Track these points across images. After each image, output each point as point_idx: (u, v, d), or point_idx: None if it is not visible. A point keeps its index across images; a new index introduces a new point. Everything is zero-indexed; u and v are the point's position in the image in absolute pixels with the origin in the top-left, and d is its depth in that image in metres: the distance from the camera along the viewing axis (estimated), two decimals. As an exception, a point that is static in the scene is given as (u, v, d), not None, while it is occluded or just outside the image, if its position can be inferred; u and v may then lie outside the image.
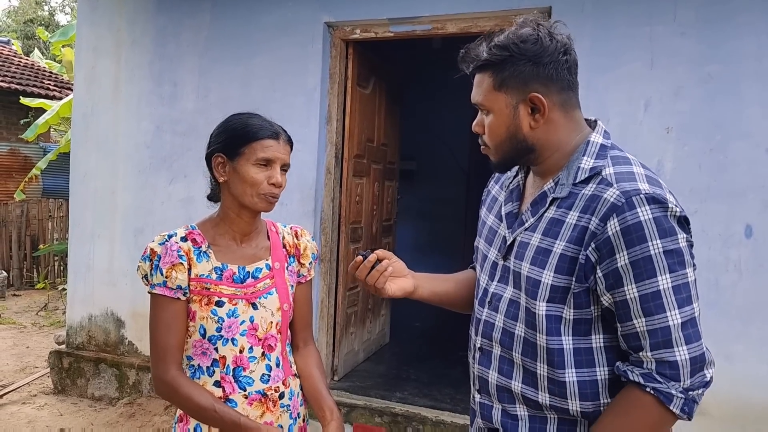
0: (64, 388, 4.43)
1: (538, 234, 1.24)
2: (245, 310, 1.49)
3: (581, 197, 1.19)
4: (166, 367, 1.44)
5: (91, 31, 4.42)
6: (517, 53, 1.19)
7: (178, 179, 4.13)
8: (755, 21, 2.92)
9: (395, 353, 4.87)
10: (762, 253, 2.93)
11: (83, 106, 4.44)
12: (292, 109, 3.79)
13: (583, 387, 1.20)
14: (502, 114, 1.23)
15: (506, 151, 1.27)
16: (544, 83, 1.21)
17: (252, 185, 1.45)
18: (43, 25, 21.35)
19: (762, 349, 2.92)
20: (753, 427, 2.94)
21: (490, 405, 1.33)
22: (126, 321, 4.34)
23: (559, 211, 1.22)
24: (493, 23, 3.44)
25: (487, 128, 1.26)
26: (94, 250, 4.40)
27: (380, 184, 4.62)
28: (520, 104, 1.22)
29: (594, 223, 1.15)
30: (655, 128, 3.09)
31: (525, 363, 1.26)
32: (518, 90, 1.21)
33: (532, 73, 1.20)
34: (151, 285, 1.46)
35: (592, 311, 1.20)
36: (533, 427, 1.27)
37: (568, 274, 1.18)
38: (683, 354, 1.12)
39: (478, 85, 1.27)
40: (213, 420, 1.42)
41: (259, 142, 1.45)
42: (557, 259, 1.19)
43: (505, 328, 1.29)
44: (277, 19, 3.85)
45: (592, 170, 1.21)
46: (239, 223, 1.53)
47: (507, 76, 1.21)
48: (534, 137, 1.24)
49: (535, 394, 1.25)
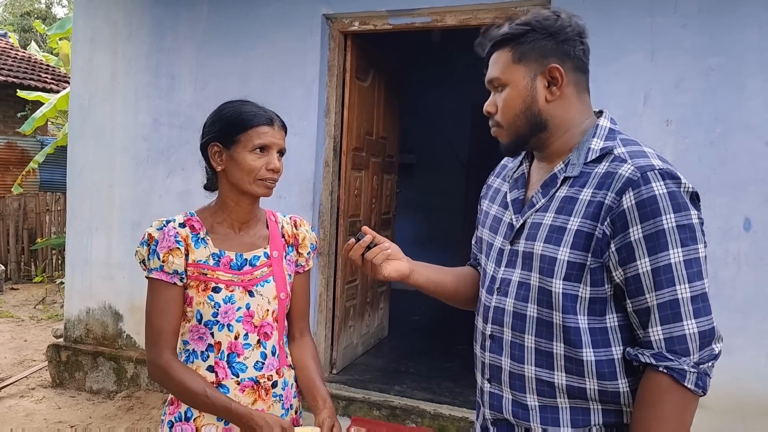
0: (62, 382, 4.42)
1: (551, 213, 1.24)
2: (242, 296, 1.50)
3: (594, 175, 1.21)
4: (160, 351, 1.45)
5: (88, 23, 4.39)
6: (539, 27, 1.24)
7: (176, 172, 4.11)
8: (758, 12, 2.90)
9: (394, 347, 4.87)
10: (761, 246, 2.92)
11: (80, 98, 4.41)
12: (291, 102, 3.77)
13: (601, 366, 1.20)
14: (519, 86, 1.25)
15: (520, 128, 1.27)
16: (561, 58, 1.24)
17: (250, 172, 1.46)
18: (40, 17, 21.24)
19: (762, 342, 2.92)
20: (753, 420, 2.94)
21: (500, 395, 1.32)
22: (124, 314, 4.33)
23: (572, 189, 1.23)
24: (492, 15, 3.42)
25: (502, 103, 1.28)
26: (92, 243, 4.38)
27: (379, 178, 4.60)
28: (538, 76, 1.24)
29: (610, 198, 1.16)
30: (656, 121, 3.07)
31: (539, 344, 1.25)
32: (537, 62, 1.24)
33: (551, 47, 1.24)
34: (148, 269, 1.47)
35: (606, 290, 1.20)
36: (544, 417, 1.25)
37: (584, 250, 1.18)
38: (692, 328, 1.12)
39: (495, 62, 1.29)
40: (204, 405, 1.43)
41: (255, 129, 1.46)
42: (573, 235, 1.20)
43: (515, 311, 1.28)
44: (275, 11, 3.83)
45: (602, 150, 1.23)
46: (238, 210, 1.53)
47: (527, 49, 1.24)
48: (548, 111, 1.26)
49: (550, 376, 1.24)
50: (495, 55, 1.29)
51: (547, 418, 1.25)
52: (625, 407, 1.22)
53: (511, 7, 3.37)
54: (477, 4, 3.42)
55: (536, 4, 3.31)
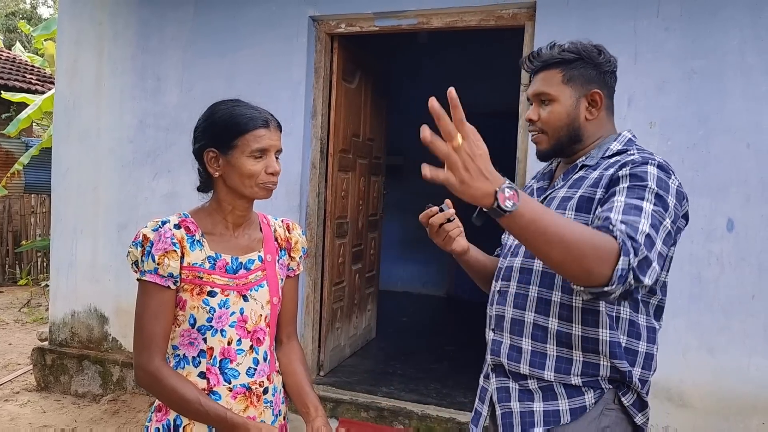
0: (47, 385, 4.39)
1: (564, 188, 1.49)
2: (236, 301, 1.47)
3: (605, 163, 1.44)
4: (151, 356, 1.41)
5: (73, 24, 4.36)
6: (587, 57, 1.48)
7: (162, 174, 4.09)
8: (738, 16, 2.94)
9: (381, 348, 4.87)
10: (744, 246, 2.96)
11: (65, 99, 4.38)
12: (277, 104, 3.76)
13: (586, 313, 1.40)
14: (566, 104, 1.48)
15: (561, 137, 1.50)
16: (600, 86, 1.49)
17: (250, 177, 1.43)
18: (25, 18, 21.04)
19: (744, 342, 2.95)
20: (735, 419, 2.97)
21: (500, 341, 1.53)
22: (110, 317, 4.30)
23: (585, 172, 1.47)
24: (478, 18, 3.44)
25: (549, 115, 1.50)
26: (77, 245, 4.35)
27: (366, 179, 4.61)
28: (582, 98, 1.48)
29: (611, 171, 1.38)
30: (639, 122, 3.10)
31: (540, 293, 1.45)
32: (582, 86, 1.48)
33: (594, 75, 1.49)
34: (141, 272, 1.42)
35: None
36: (533, 361, 1.45)
37: (585, 212, 1.39)
38: (645, 227, 1.21)
39: (545, 79, 1.50)
40: (197, 413, 1.39)
41: (252, 133, 1.43)
42: (576, 200, 1.42)
43: (523, 267, 1.50)
44: (261, 13, 3.82)
45: (619, 151, 1.46)
46: (234, 213, 1.51)
47: (575, 74, 1.48)
48: (585, 128, 1.50)
49: (545, 321, 1.44)
50: (545, 73, 1.50)
51: (535, 362, 1.45)
52: (602, 357, 1.39)
53: (497, 10, 3.39)
54: (463, 6, 3.44)
55: (521, 8, 3.34)
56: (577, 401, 1.40)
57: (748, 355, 2.95)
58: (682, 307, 3.02)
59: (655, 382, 3.06)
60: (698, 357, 3.01)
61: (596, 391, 1.40)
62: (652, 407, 3.17)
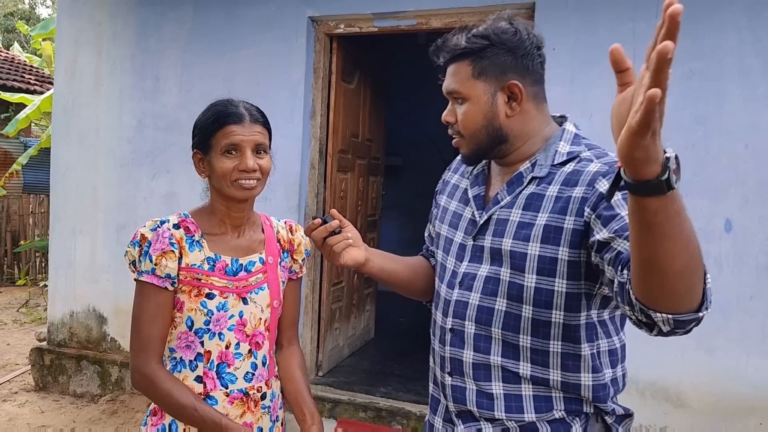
0: (45, 386, 4.38)
1: (518, 210, 1.26)
2: (235, 304, 1.44)
3: (560, 174, 1.23)
4: (147, 359, 1.38)
5: (72, 23, 4.36)
6: (498, 42, 1.24)
7: (161, 174, 4.09)
8: (737, 17, 2.94)
9: (380, 349, 4.87)
10: (742, 247, 2.97)
11: (64, 99, 4.38)
12: (276, 104, 3.77)
13: (566, 358, 1.23)
14: (480, 101, 1.26)
15: (481, 140, 1.29)
16: (520, 74, 1.25)
17: (223, 176, 1.39)
18: (24, 18, 21.03)
19: (742, 343, 2.96)
20: (733, 419, 2.98)
21: (463, 386, 1.32)
22: (108, 317, 4.30)
23: (538, 187, 1.25)
24: (477, 18, 3.40)
25: (463, 116, 1.29)
26: (76, 245, 4.35)
27: (365, 180, 4.61)
28: (498, 92, 1.25)
29: (580, 191, 1.18)
30: (638, 124, 3.10)
31: (506, 336, 1.26)
32: (496, 78, 1.25)
33: (509, 63, 1.24)
34: (139, 272, 1.39)
35: (582, 285, 1.20)
36: (509, 405, 1.26)
37: (554, 244, 1.19)
38: None
39: (454, 74, 1.28)
40: (192, 419, 1.37)
41: (222, 131, 1.38)
42: (542, 230, 1.21)
43: (481, 305, 1.28)
44: (260, 13, 3.83)
45: (569, 154, 1.25)
46: (230, 215, 1.47)
47: (486, 64, 1.24)
48: (509, 126, 1.27)
49: (515, 366, 1.25)
50: (454, 67, 1.28)
51: (512, 406, 1.26)
52: (585, 398, 1.24)
53: (496, 10, 3.37)
54: (462, 7, 3.44)
55: (520, 8, 3.34)
56: None
57: (746, 356, 2.96)
58: (680, 308, 3.02)
59: (653, 383, 3.10)
60: (696, 357, 3.02)
61: (581, 418, 1.26)
62: (650, 407, 3.19)
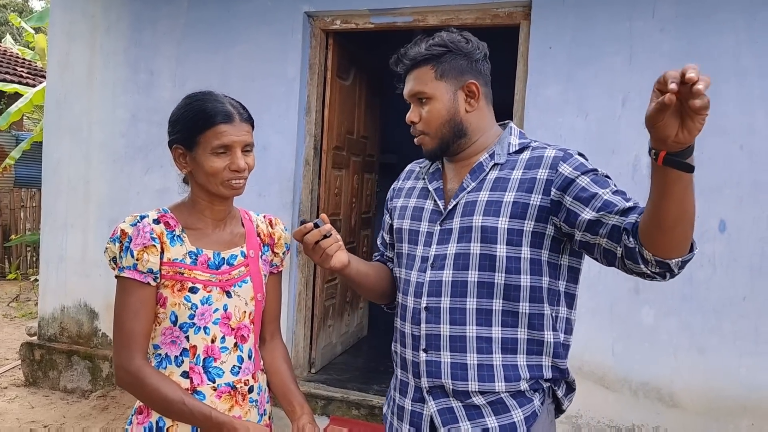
0: (35, 381, 4.35)
1: (485, 192, 1.44)
2: (219, 297, 1.43)
3: (520, 161, 1.44)
4: (131, 355, 1.36)
5: (65, 16, 4.32)
6: (455, 49, 1.45)
7: (154, 169, 4.06)
8: (733, 18, 2.94)
9: (373, 346, 4.86)
10: (736, 247, 2.97)
11: (56, 92, 4.34)
12: (271, 100, 3.75)
13: (533, 318, 1.40)
14: (443, 99, 1.45)
15: (444, 134, 1.47)
16: (474, 75, 1.47)
17: (213, 175, 1.38)
18: (17, 10, 20.87)
19: (735, 343, 2.96)
20: (725, 420, 2.98)
21: (438, 361, 1.44)
22: (99, 312, 4.27)
23: (501, 172, 1.45)
24: (474, 16, 3.43)
25: (428, 114, 1.46)
26: (67, 240, 4.32)
27: (360, 177, 4.60)
28: (458, 91, 1.45)
29: (544, 173, 1.38)
30: (633, 123, 3.10)
31: (479, 304, 1.41)
32: (456, 79, 1.45)
33: (466, 66, 1.46)
34: (120, 268, 1.38)
35: (543, 254, 1.40)
36: (481, 375, 1.40)
37: (520, 218, 1.38)
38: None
39: (418, 78, 1.46)
40: (181, 414, 1.36)
41: (212, 130, 1.37)
42: (510, 206, 1.39)
43: (455, 281, 1.43)
44: (256, 8, 3.80)
45: (521, 144, 1.47)
46: (212, 210, 1.47)
47: (446, 67, 1.44)
48: (467, 121, 1.47)
49: (488, 332, 1.41)
50: (417, 72, 1.47)
51: (484, 376, 1.40)
52: (545, 358, 1.41)
53: (493, 9, 3.38)
54: (459, 4, 3.43)
55: (517, 6, 3.33)
56: (528, 408, 1.40)
57: (739, 356, 2.96)
58: (673, 308, 3.03)
59: (645, 383, 3.10)
60: (689, 358, 3.02)
61: (539, 392, 1.42)
62: (643, 407, 3.20)
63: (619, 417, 3.14)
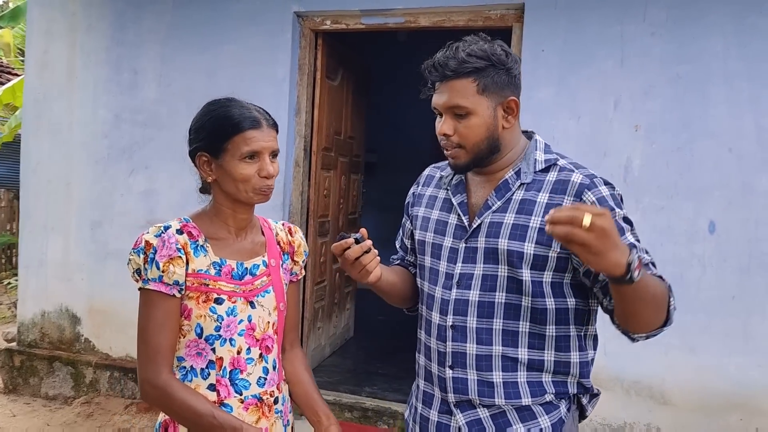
0: (15, 388, 4.23)
1: (511, 213, 1.41)
2: (244, 308, 1.41)
3: (547, 183, 1.41)
4: (158, 369, 1.33)
5: (43, 13, 4.21)
6: (497, 62, 1.37)
7: (139, 171, 3.98)
8: (722, 22, 3.00)
9: (361, 347, 4.85)
10: (725, 248, 3.04)
11: (35, 92, 4.22)
12: (260, 101, 3.60)
13: (559, 340, 1.41)
14: (484, 115, 1.38)
15: (481, 150, 1.41)
16: (513, 90, 1.41)
17: (243, 182, 1.36)
18: (-21, 4, 20.21)
19: (725, 341, 3.03)
20: (715, 416, 3.05)
21: (465, 378, 1.44)
22: (82, 317, 4.17)
23: (528, 193, 1.41)
24: (466, 18, 3.43)
25: (465, 129, 1.39)
26: (48, 243, 4.20)
27: (346, 177, 4.58)
28: (498, 107, 1.39)
29: (569, 201, 1.37)
30: (625, 126, 3.15)
31: (506, 325, 1.41)
32: (497, 95, 1.38)
33: (506, 81, 1.39)
34: (144, 280, 1.35)
35: (565, 277, 1.39)
36: (508, 392, 1.41)
37: (546, 245, 1.36)
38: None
39: (457, 90, 1.37)
40: (210, 427, 1.33)
41: (241, 135, 1.35)
42: (536, 232, 1.37)
43: (482, 301, 1.42)
44: (245, 7, 3.74)
45: (546, 162, 1.43)
46: (235, 218, 1.45)
47: (489, 82, 1.37)
48: (503, 136, 1.42)
49: (515, 352, 1.41)
50: (455, 83, 1.37)
51: (510, 393, 1.41)
52: (571, 377, 1.43)
53: (485, 11, 3.39)
54: (450, 6, 3.43)
55: (509, 9, 3.35)
56: (555, 415, 1.42)
57: (728, 355, 3.03)
58: (664, 308, 3.08)
59: (637, 381, 3.15)
60: (680, 356, 3.08)
61: (566, 400, 1.45)
62: (635, 405, 3.25)
63: (611, 415, 3.19)
